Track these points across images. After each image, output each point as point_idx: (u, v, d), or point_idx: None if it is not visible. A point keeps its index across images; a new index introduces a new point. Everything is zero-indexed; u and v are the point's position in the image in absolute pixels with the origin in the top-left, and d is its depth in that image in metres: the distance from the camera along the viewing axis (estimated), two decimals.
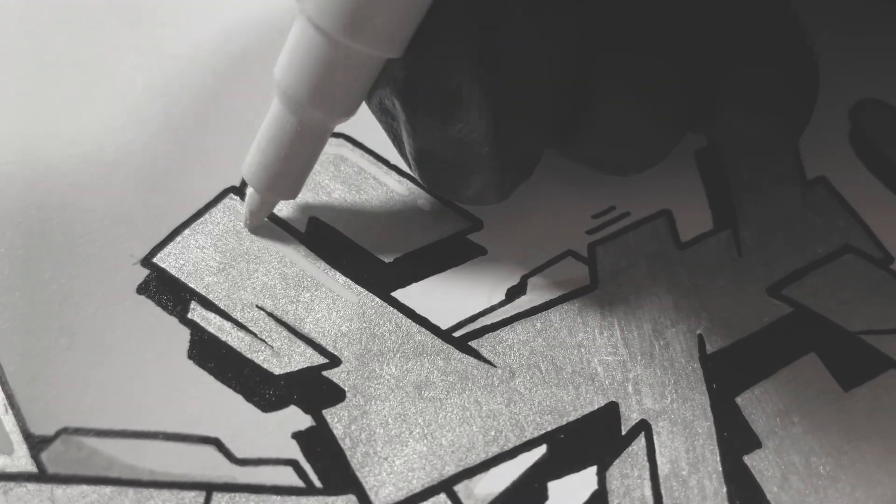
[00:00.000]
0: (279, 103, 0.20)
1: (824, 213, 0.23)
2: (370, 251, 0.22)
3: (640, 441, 0.20)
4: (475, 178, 0.20)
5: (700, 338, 0.21)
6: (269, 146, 0.21)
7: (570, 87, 0.20)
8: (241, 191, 0.23)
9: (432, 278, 0.22)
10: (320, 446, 0.20)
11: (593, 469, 0.20)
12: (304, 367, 0.21)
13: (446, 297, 0.22)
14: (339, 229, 0.23)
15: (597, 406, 0.20)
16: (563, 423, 0.20)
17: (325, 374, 0.21)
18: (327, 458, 0.19)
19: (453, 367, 0.21)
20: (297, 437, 0.20)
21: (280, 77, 0.19)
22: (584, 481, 0.19)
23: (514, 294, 0.22)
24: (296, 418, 0.20)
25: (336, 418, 0.20)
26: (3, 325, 0.21)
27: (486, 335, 0.21)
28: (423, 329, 0.21)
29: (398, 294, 0.22)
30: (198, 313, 0.21)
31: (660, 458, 0.20)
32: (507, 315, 0.22)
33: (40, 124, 0.24)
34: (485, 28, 0.18)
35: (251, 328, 0.21)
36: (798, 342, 0.21)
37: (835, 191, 0.24)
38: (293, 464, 0.19)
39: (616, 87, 0.20)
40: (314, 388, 0.20)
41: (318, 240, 0.22)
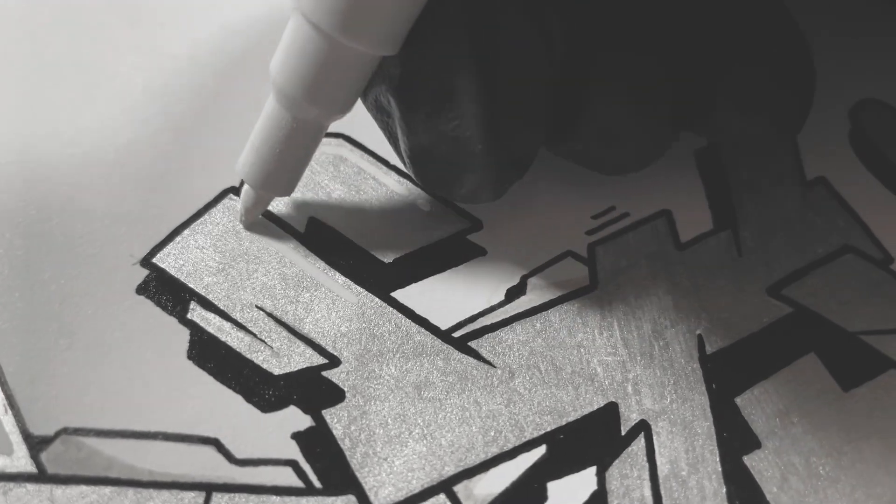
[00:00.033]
0: (274, 100, 0.20)
1: (824, 213, 0.23)
2: (370, 251, 0.22)
3: (640, 441, 0.20)
4: (469, 176, 0.20)
5: (700, 338, 0.21)
6: (264, 143, 0.21)
7: (565, 87, 0.20)
8: (240, 191, 0.23)
9: (432, 279, 0.22)
10: (320, 447, 0.20)
11: (593, 469, 0.20)
12: (304, 367, 0.21)
13: (446, 297, 0.22)
14: (338, 229, 0.23)
15: (596, 406, 0.20)
16: (563, 423, 0.20)
17: (324, 374, 0.21)
18: (327, 459, 0.19)
19: (453, 368, 0.21)
20: (297, 437, 0.20)
21: (275, 74, 0.19)
22: (584, 482, 0.19)
23: (513, 294, 0.22)
24: (295, 419, 0.20)
25: (335, 419, 0.20)
26: (2, 325, 0.21)
27: (486, 335, 0.21)
28: (423, 329, 0.21)
29: (398, 294, 0.22)
30: (197, 313, 0.21)
31: (659, 459, 0.20)
32: (507, 315, 0.22)
33: (40, 124, 0.24)
34: (480, 26, 0.18)
35: (251, 328, 0.21)
36: (798, 342, 0.21)
37: (835, 191, 0.24)
38: (293, 464, 0.19)
39: (615, 87, 0.20)
40: (314, 389, 0.20)
41: (318, 240, 0.22)
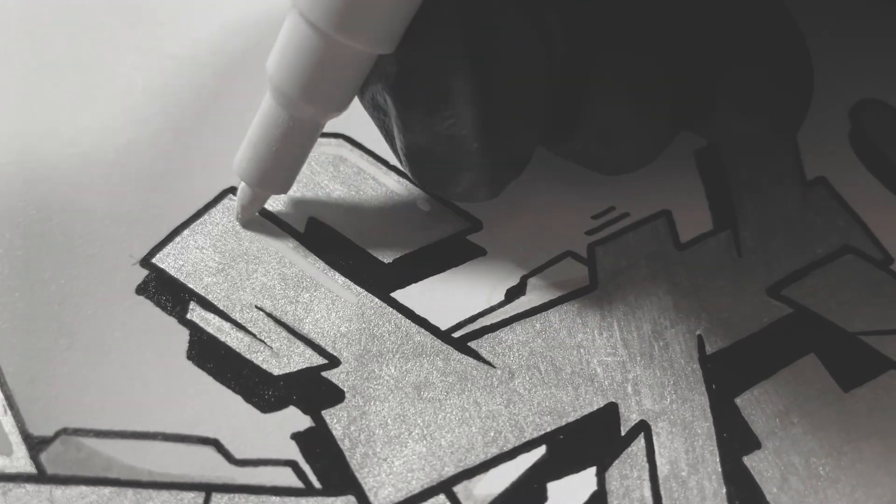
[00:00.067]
0: (271, 98, 0.20)
1: (824, 213, 0.23)
2: (369, 251, 0.22)
3: (640, 442, 0.20)
4: (465, 174, 0.20)
5: (700, 338, 0.21)
6: (261, 141, 0.21)
7: (565, 86, 0.20)
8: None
9: (432, 279, 0.22)
10: (319, 447, 0.20)
11: (593, 470, 0.20)
12: (304, 367, 0.21)
13: (446, 297, 0.22)
14: (338, 230, 0.23)
15: (596, 407, 0.20)
16: (563, 423, 0.20)
17: (324, 374, 0.21)
18: (326, 459, 0.19)
19: (452, 368, 0.21)
20: (297, 437, 0.20)
21: (272, 72, 0.19)
22: (584, 482, 0.19)
23: (513, 295, 0.22)
24: (295, 419, 0.20)
25: (335, 419, 0.20)
26: (2, 325, 0.21)
27: (486, 336, 0.21)
28: (423, 330, 0.21)
29: (397, 294, 0.22)
30: (197, 314, 0.21)
31: (659, 459, 0.20)
32: (507, 316, 0.22)
33: (40, 124, 0.24)
34: (476, 27, 0.18)
35: (250, 329, 0.21)
36: (798, 343, 0.21)
37: (835, 191, 0.24)
38: (292, 464, 0.19)
39: (615, 87, 0.20)
40: (313, 389, 0.20)
41: (318, 240, 0.22)
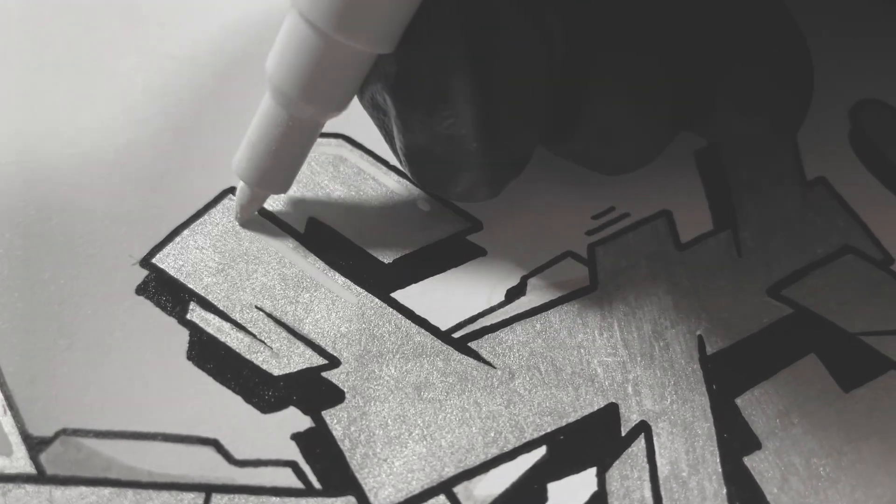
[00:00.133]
0: (270, 98, 0.20)
1: (824, 213, 0.23)
2: (369, 252, 0.22)
3: (640, 442, 0.20)
4: (465, 174, 0.20)
5: (700, 339, 0.21)
6: (260, 140, 0.21)
7: (565, 86, 0.20)
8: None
9: (432, 279, 0.22)
10: (319, 447, 0.20)
11: (593, 470, 0.20)
12: (304, 368, 0.21)
13: (446, 297, 0.22)
14: (338, 230, 0.23)
15: (596, 407, 0.20)
16: (563, 424, 0.20)
17: (324, 375, 0.20)
18: (326, 460, 0.19)
19: (453, 369, 0.21)
20: (297, 438, 0.20)
21: (271, 72, 0.19)
22: (584, 483, 0.19)
23: (513, 295, 0.22)
24: (295, 419, 0.20)
25: (335, 419, 0.20)
26: (2, 325, 0.21)
27: (486, 336, 0.21)
28: (423, 330, 0.21)
29: (397, 295, 0.22)
30: (197, 314, 0.21)
31: (659, 460, 0.20)
32: (507, 316, 0.22)
33: (40, 124, 0.24)
34: (476, 27, 0.18)
35: (250, 329, 0.21)
36: (798, 343, 0.21)
37: (835, 191, 0.24)
38: (292, 465, 0.19)
39: (615, 87, 0.20)
40: (313, 390, 0.20)
41: (318, 240, 0.22)
